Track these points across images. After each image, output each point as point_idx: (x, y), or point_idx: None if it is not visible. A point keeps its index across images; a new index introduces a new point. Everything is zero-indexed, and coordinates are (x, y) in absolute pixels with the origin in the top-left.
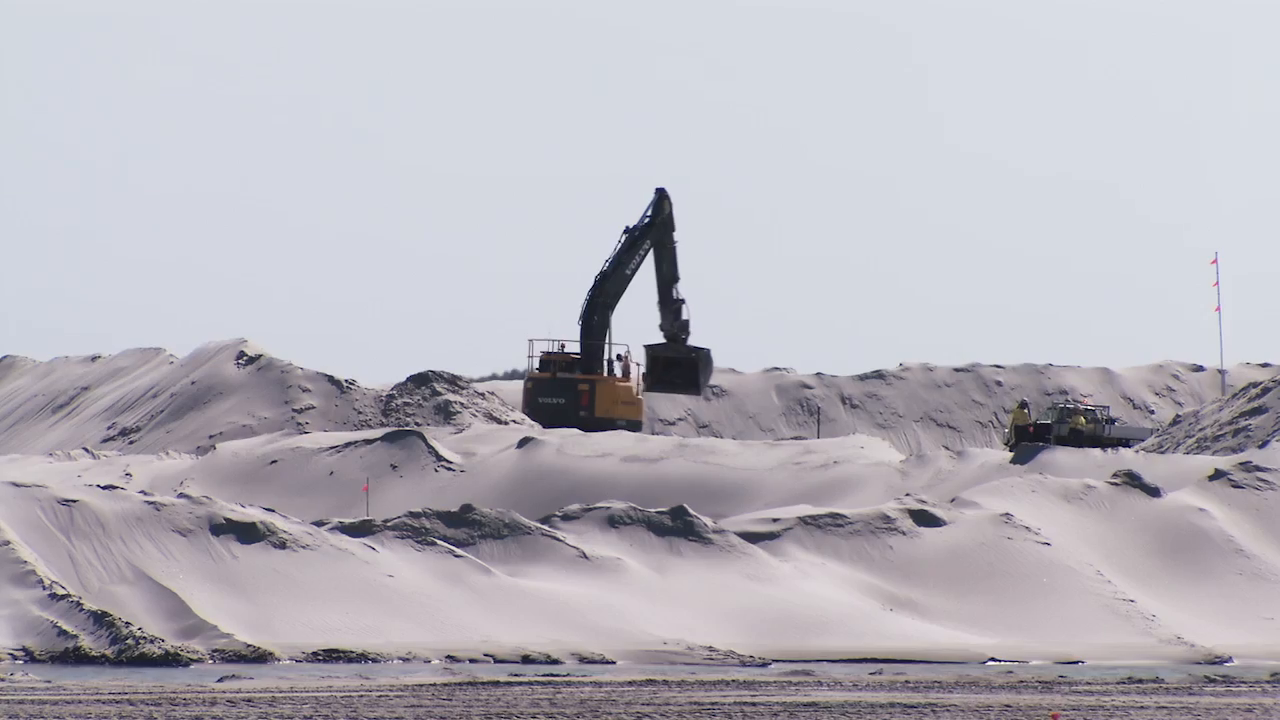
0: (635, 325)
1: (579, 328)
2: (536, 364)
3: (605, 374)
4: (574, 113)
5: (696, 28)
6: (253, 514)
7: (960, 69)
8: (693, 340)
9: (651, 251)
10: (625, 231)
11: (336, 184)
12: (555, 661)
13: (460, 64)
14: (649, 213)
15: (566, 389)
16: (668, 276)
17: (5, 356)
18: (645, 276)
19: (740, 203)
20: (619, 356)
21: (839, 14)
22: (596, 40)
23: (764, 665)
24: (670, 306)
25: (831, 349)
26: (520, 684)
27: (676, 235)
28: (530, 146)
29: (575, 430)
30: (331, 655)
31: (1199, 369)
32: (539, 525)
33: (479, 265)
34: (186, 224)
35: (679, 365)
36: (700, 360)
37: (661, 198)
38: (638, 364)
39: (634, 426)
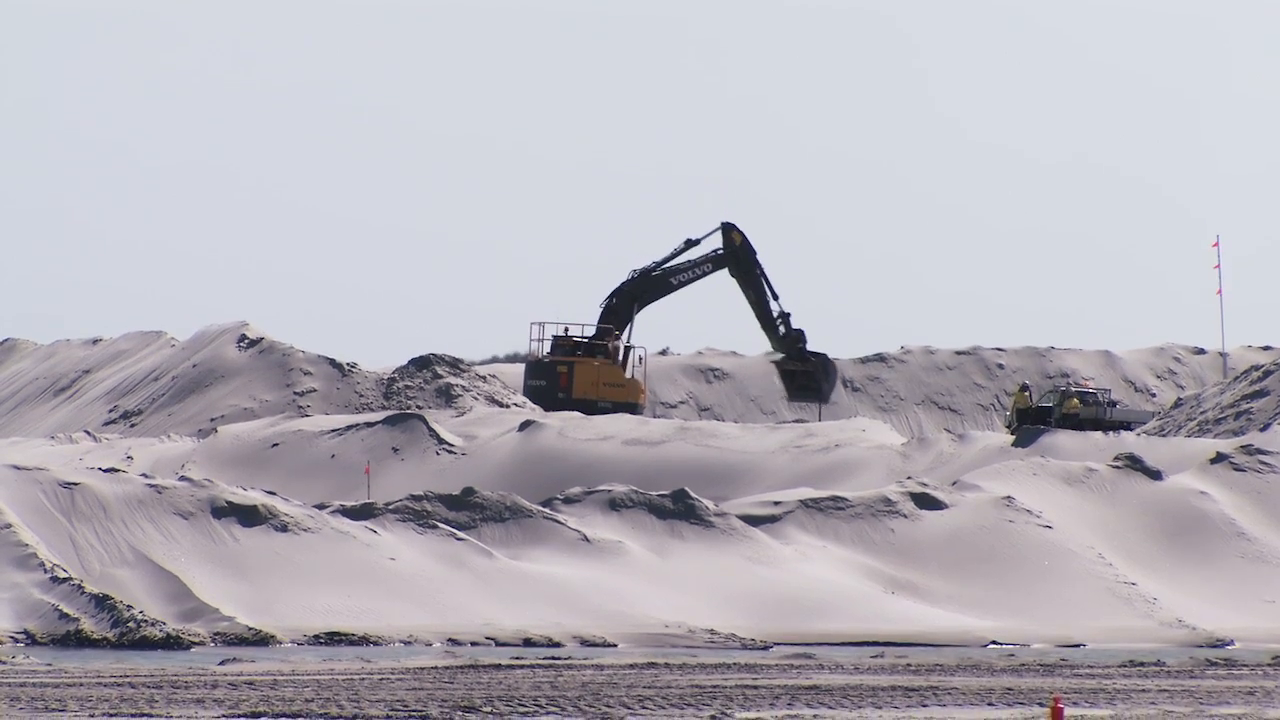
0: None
1: (600, 310)
2: (547, 347)
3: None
4: (574, 97)
5: (697, 13)
6: (254, 497)
7: (961, 53)
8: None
9: (736, 283)
10: (686, 243)
11: (338, 166)
12: (557, 644)
13: (460, 49)
14: (718, 246)
15: (547, 371)
16: (757, 301)
17: (6, 339)
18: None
19: (740, 186)
20: (606, 337)
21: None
22: (597, 28)
23: (765, 648)
24: (771, 326)
25: (832, 332)
26: (522, 667)
27: (760, 259)
28: (532, 129)
29: (577, 413)
30: (333, 638)
31: (1200, 352)
32: (540, 508)
33: (480, 248)
34: (187, 207)
35: (800, 376)
36: (817, 368)
37: (728, 230)
38: (631, 347)
39: (634, 409)
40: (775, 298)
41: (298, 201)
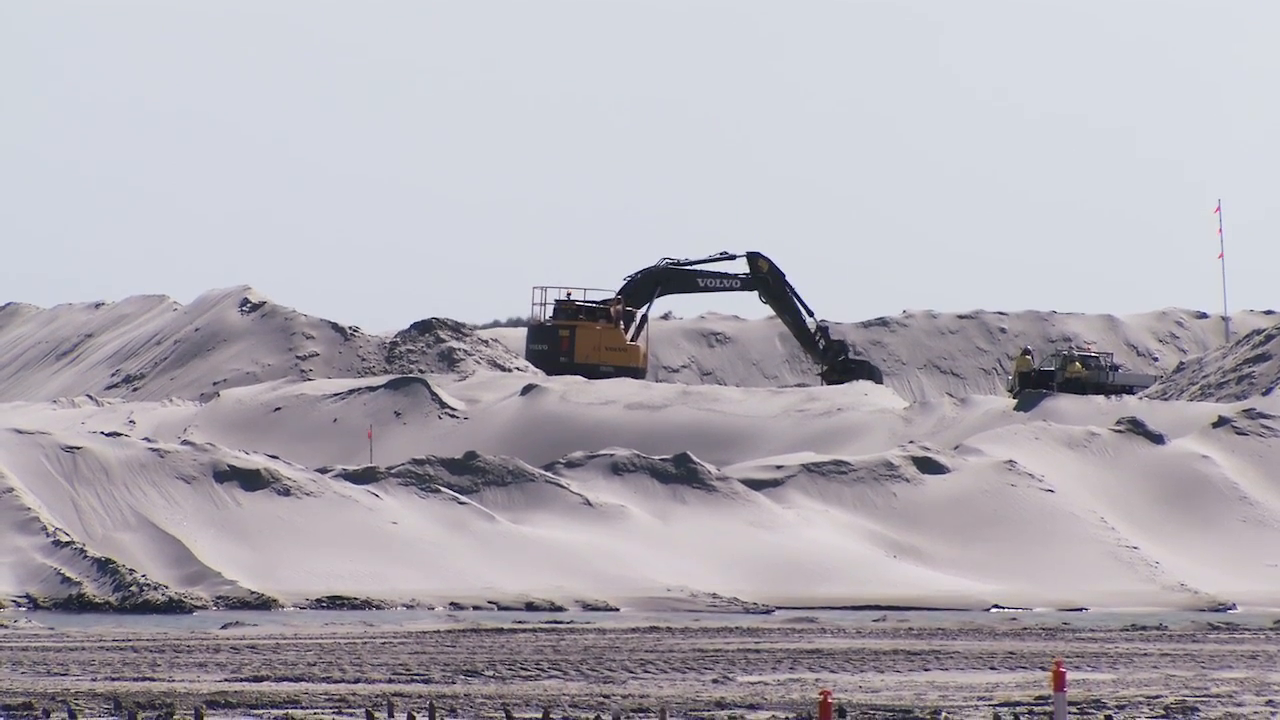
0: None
1: (622, 282)
2: (550, 311)
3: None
4: (579, 69)
5: None
6: (256, 461)
7: (968, 13)
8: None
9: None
10: (721, 254)
11: (342, 131)
12: (559, 608)
13: (464, 15)
14: (747, 271)
15: (549, 335)
16: (793, 322)
17: (9, 304)
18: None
19: (742, 151)
20: (610, 303)
21: None
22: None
23: (768, 612)
24: (811, 343)
25: (835, 296)
26: (524, 631)
27: (791, 282)
28: (537, 96)
29: (579, 377)
30: (335, 602)
31: (1203, 316)
32: (543, 472)
33: (483, 212)
34: (190, 170)
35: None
36: (861, 376)
37: (754, 259)
38: (630, 310)
39: (636, 374)
40: (810, 314)
41: (301, 166)
